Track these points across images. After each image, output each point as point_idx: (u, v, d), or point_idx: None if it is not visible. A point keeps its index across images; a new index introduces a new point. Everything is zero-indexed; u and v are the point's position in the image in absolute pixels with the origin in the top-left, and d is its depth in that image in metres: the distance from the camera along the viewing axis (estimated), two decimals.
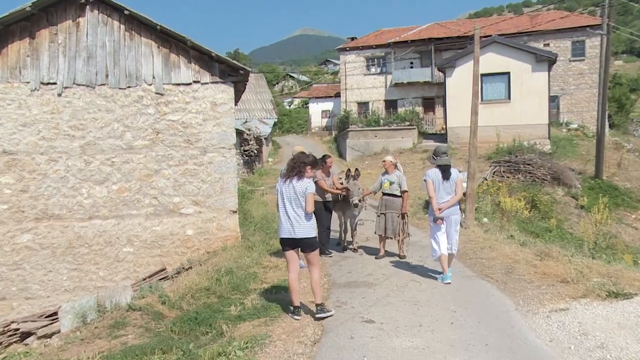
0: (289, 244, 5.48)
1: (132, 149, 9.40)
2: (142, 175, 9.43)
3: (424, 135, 30.39)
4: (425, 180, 6.90)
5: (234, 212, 9.67)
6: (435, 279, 6.87)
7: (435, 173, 6.73)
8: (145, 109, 9.43)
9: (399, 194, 8.17)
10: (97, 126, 9.33)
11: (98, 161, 9.30)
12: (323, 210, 8.59)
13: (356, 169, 8.85)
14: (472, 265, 7.84)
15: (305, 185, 5.38)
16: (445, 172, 6.69)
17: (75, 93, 9.28)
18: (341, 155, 30.97)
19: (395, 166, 8.23)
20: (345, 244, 9.53)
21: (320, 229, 9.11)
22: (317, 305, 5.54)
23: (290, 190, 5.38)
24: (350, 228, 9.38)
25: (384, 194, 8.33)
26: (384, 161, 8.34)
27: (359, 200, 8.48)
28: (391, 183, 8.14)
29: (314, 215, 5.60)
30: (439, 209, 6.58)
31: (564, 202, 17.72)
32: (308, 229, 5.40)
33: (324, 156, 9.46)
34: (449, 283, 6.70)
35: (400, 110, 33.79)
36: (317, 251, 5.55)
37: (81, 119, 9.27)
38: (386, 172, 8.30)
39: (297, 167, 5.42)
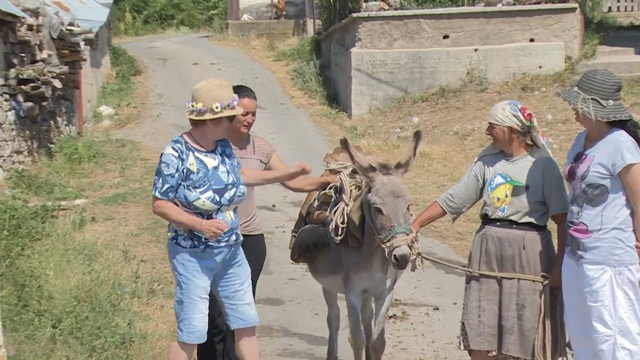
0: None
1: None
2: None
3: (601, 32, 19.80)
4: (635, 164, 5.69)
5: None
6: None
7: None
8: None
9: (537, 221, 6.26)
10: None
11: None
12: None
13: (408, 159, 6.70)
14: None
15: None
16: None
17: None
18: (335, 97, 23.56)
19: (530, 137, 6.38)
20: None
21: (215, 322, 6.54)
22: None
23: None
24: (372, 322, 7.13)
25: (489, 219, 6.37)
26: (493, 124, 6.37)
27: (410, 244, 6.46)
28: (515, 188, 6.39)
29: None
30: None
31: None
32: None
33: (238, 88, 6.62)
34: None
35: None
36: None
37: None
38: (501, 153, 6.49)
39: None
